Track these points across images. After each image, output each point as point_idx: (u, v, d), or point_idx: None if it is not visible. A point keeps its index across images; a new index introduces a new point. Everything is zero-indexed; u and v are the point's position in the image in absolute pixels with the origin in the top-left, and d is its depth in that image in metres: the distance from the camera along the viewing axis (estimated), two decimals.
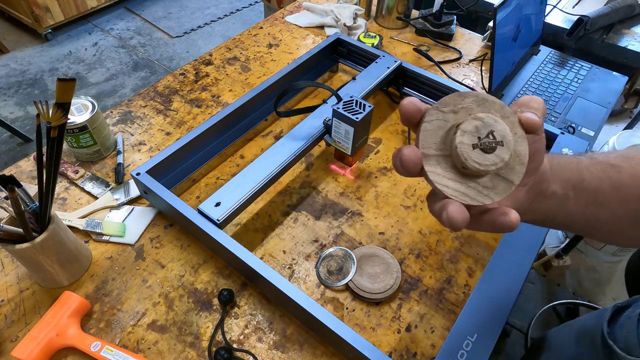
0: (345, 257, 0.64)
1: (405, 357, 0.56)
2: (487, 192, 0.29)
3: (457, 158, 0.28)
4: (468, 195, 0.29)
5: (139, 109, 0.87)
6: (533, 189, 0.35)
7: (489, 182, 0.29)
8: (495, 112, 0.29)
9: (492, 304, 0.52)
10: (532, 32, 1.06)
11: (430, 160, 0.29)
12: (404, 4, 1.11)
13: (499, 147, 0.27)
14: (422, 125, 0.29)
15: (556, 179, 0.36)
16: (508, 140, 0.27)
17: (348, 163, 0.78)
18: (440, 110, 0.29)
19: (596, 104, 0.98)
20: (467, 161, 0.27)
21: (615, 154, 0.39)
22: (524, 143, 0.29)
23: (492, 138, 0.27)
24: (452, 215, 0.28)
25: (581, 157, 0.39)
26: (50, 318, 0.54)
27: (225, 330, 0.57)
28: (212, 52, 1.02)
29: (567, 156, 0.39)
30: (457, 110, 0.29)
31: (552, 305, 1.38)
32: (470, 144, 0.27)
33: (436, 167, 0.29)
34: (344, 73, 1.00)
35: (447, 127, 0.29)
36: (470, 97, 0.29)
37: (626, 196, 0.36)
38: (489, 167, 0.27)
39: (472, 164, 0.27)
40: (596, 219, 0.38)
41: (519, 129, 0.29)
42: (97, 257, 0.64)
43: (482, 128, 0.27)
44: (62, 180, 0.73)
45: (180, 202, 0.60)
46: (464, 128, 0.27)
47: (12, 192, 0.47)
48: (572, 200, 0.37)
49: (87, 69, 2.45)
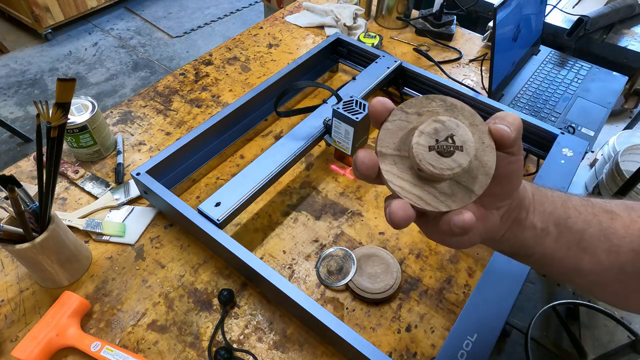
0: (345, 257, 0.64)
1: (405, 357, 0.56)
2: (444, 198, 0.28)
3: (413, 159, 0.27)
4: (423, 199, 0.27)
5: (139, 109, 0.87)
6: (509, 215, 0.33)
7: (447, 188, 0.28)
8: (464, 119, 0.28)
9: (492, 304, 0.52)
10: (532, 32, 1.06)
11: (386, 160, 0.28)
12: (404, 4, 1.11)
13: (457, 151, 0.26)
14: (384, 124, 0.28)
15: (537, 211, 0.34)
16: (469, 146, 0.26)
17: (348, 163, 0.78)
18: (404, 111, 0.28)
19: (596, 104, 0.98)
20: (421, 162, 0.26)
21: (617, 202, 0.35)
22: (492, 154, 0.28)
23: (450, 142, 0.26)
24: (393, 211, 0.26)
25: (572, 195, 0.35)
26: (50, 318, 0.54)
27: (225, 330, 0.57)
28: (212, 52, 1.02)
29: (555, 191, 0.36)
30: (422, 112, 0.28)
31: (552, 305, 1.38)
32: (426, 145, 0.26)
33: (392, 167, 0.28)
34: (344, 73, 1.00)
35: (409, 129, 0.28)
36: (438, 100, 0.28)
37: (616, 247, 0.33)
38: (444, 171, 0.26)
39: (426, 165, 0.26)
40: (577, 265, 0.34)
41: (488, 139, 0.28)
42: (97, 257, 0.64)
43: (442, 131, 0.26)
44: (62, 180, 0.73)
45: (180, 202, 0.60)
46: (423, 129, 0.26)
47: (12, 192, 0.47)
48: (553, 238, 0.33)
49: (87, 69, 2.45)
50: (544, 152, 0.77)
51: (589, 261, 0.33)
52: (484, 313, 0.51)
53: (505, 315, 0.51)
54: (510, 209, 0.33)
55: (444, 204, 0.27)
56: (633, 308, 0.36)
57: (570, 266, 0.34)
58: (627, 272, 0.33)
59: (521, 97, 0.99)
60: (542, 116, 0.94)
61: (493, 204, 0.32)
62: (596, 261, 0.33)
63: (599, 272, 0.34)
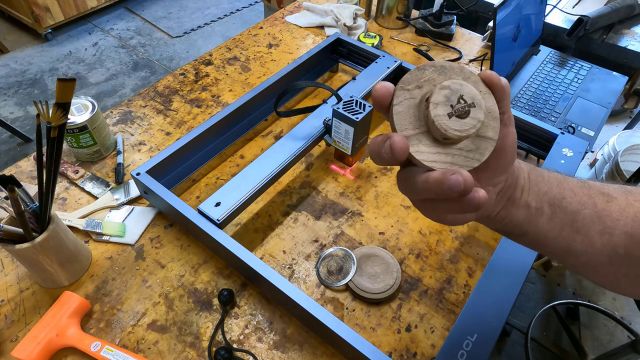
0: (345, 257, 0.64)
1: (405, 357, 0.56)
2: (472, 155, 0.29)
3: (437, 131, 0.28)
4: (456, 164, 0.29)
5: (139, 109, 0.87)
6: (504, 193, 0.33)
7: (471, 144, 0.29)
8: (457, 77, 0.29)
9: (492, 304, 0.52)
10: (532, 32, 1.06)
11: (412, 141, 0.29)
12: (404, 4, 1.11)
13: (472, 109, 0.27)
14: (393, 108, 0.29)
15: (532, 190, 0.34)
16: (478, 99, 0.28)
17: (348, 163, 0.78)
18: (405, 89, 0.29)
19: (596, 104, 0.98)
20: (448, 131, 0.27)
21: (616, 186, 0.35)
22: (491, 98, 0.29)
23: (463, 102, 0.27)
24: (395, 141, 0.27)
25: (569, 177, 0.36)
26: (50, 318, 0.54)
27: (225, 330, 0.57)
28: (212, 52, 1.02)
29: (553, 172, 0.36)
30: (421, 84, 0.29)
31: (552, 305, 1.38)
32: (445, 114, 0.27)
33: (419, 145, 0.29)
34: (344, 73, 1.00)
35: (416, 104, 0.29)
36: (429, 67, 0.29)
37: (609, 229, 0.33)
38: (469, 131, 0.27)
39: (453, 133, 0.27)
40: (570, 245, 0.34)
41: (483, 86, 0.29)
42: (97, 257, 0.64)
43: (452, 95, 0.27)
44: (62, 180, 0.73)
45: (180, 202, 0.60)
46: (435, 100, 0.27)
47: (12, 192, 0.47)
48: (546, 217, 0.34)
49: (87, 69, 2.45)
50: (544, 152, 0.77)
51: (582, 242, 0.34)
52: (484, 313, 0.51)
53: (505, 315, 0.51)
54: (505, 186, 0.33)
55: (475, 159, 0.29)
56: (624, 291, 0.37)
57: (563, 246, 0.34)
58: (619, 255, 0.33)
59: (521, 97, 0.99)
60: (542, 116, 0.94)
61: (489, 181, 0.32)
62: (588, 242, 0.33)
63: (591, 254, 0.34)
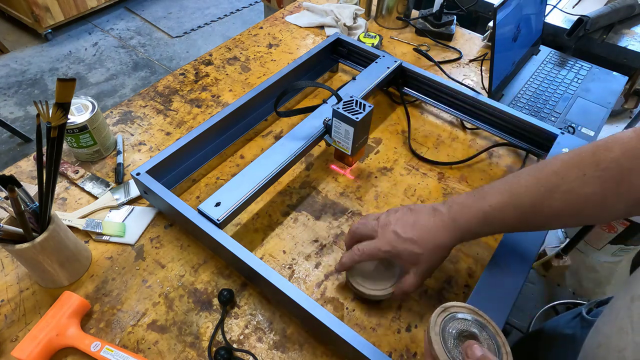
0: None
1: (405, 357, 0.56)
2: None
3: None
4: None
5: (139, 109, 0.87)
6: (420, 269, 0.53)
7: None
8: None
9: (492, 304, 0.51)
10: (532, 32, 1.06)
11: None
12: (404, 4, 1.11)
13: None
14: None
15: (458, 238, 0.52)
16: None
17: (348, 163, 0.78)
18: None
19: (596, 104, 0.98)
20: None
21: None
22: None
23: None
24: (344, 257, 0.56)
25: (491, 187, 0.51)
26: (50, 318, 0.54)
27: (225, 330, 0.57)
28: (212, 52, 1.02)
29: (477, 193, 0.51)
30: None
31: (552, 305, 1.38)
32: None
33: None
34: (344, 73, 1.00)
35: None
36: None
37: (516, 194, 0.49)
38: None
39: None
40: (514, 226, 0.51)
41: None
42: (97, 257, 0.64)
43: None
44: (62, 180, 0.73)
45: (180, 202, 0.60)
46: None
47: (12, 192, 0.47)
48: (487, 228, 0.50)
49: (87, 69, 2.45)
50: (543, 152, 0.77)
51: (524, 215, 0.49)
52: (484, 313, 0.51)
53: (505, 316, 0.51)
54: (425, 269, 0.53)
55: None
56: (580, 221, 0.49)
57: (515, 226, 0.51)
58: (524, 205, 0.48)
59: (521, 97, 0.99)
60: (542, 116, 0.94)
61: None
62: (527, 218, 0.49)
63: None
